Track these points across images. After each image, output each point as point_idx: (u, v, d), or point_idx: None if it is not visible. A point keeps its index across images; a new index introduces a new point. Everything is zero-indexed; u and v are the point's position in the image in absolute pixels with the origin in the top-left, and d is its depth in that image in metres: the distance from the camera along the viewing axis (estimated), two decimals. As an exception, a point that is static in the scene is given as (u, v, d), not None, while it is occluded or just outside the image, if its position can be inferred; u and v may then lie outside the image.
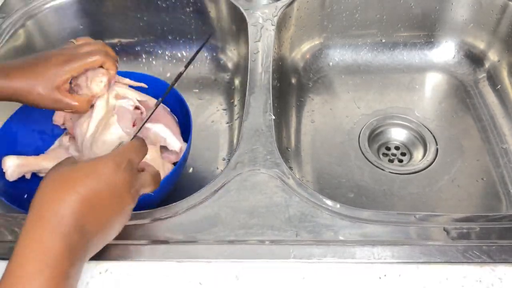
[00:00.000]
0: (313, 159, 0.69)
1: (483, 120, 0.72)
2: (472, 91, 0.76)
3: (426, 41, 0.80)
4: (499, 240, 0.43)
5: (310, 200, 0.47)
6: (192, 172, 0.67)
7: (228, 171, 0.51)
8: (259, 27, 0.70)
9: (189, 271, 0.42)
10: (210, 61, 0.82)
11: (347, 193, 0.64)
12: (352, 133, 0.72)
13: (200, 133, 0.73)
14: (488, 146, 0.69)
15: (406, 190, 0.65)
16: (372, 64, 0.81)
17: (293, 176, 0.50)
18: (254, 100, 0.60)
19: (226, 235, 0.45)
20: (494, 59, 0.76)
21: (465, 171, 0.66)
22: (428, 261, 0.42)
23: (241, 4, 0.73)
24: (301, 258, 0.43)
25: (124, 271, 0.42)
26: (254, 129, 0.56)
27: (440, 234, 0.44)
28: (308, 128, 0.73)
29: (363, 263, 0.42)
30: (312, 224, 0.45)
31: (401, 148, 0.72)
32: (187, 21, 0.79)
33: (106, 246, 0.40)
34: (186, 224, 0.46)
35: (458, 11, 0.76)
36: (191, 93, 0.79)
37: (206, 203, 0.48)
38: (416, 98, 0.76)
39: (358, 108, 0.75)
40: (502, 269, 0.41)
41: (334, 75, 0.80)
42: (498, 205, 0.63)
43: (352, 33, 0.80)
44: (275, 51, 0.69)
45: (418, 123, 0.72)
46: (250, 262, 0.43)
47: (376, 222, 0.45)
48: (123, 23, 0.79)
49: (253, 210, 0.47)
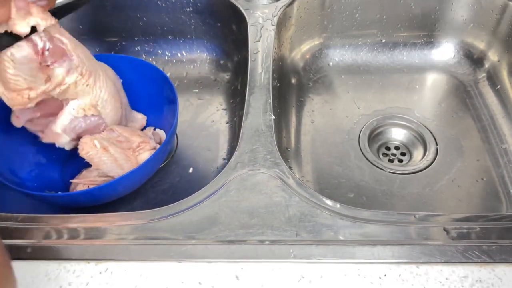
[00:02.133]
0: (313, 159, 0.69)
1: (483, 120, 0.72)
2: (472, 91, 0.76)
3: (426, 41, 0.80)
4: (499, 240, 0.43)
5: (310, 200, 0.47)
6: (192, 172, 0.67)
7: (228, 171, 0.51)
8: (259, 27, 0.70)
9: (189, 271, 0.42)
10: (210, 61, 0.82)
11: (347, 193, 0.64)
12: (352, 133, 0.72)
13: (200, 133, 0.73)
14: (488, 146, 0.69)
15: (406, 190, 0.65)
16: (372, 64, 0.81)
17: (293, 176, 0.50)
18: (254, 100, 0.60)
19: (226, 235, 0.45)
20: (494, 59, 0.76)
21: (465, 171, 0.66)
22: (428, 261, 0.42)
23: (241, 4, 0.73)
24: (301, 258, 0.43)
25: (124, 271, 0.42)
26: (254, 129, 0.56)
27: (440, 234, 0.44)
28: (308, 128, 0.73)
29: (363, 263, 0.42)
30: (312, 224, 0.45)
31: (401, 148, 0.72)
32: (187, 21, 0.79)
33: (106, 246, 0.40)
34: (186, 224, 0.46)
35: (458, 11, 0.76)
36: (191, 93, 0.79)
37: (206, 203, 0.48)
38: (416, 98, 0.76)
39: (358, 108, 0.75)
40: (502, 269, 0.41)
41: (334, 75, 0.80)
42: (498, 205, 0.63)
43: (352, 33, 0.80)
44: (275, 51, 0.69)
45: (418, 123, 0.72)
46: (250, 262, 0.43)
47: (376, 222, 0.45)
48: (123, 23, 0.80)
49: (253, 210, 0.47)
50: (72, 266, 0.43)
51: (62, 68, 0.53)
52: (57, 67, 0.53)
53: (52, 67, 0.53)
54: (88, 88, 0.55)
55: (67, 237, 0.45)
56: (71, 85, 0.54)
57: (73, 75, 0.54)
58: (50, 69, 0.53)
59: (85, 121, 0.57)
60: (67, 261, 0.43)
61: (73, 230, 0.46)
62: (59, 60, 0.53)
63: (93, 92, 0.56)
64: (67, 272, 0.42)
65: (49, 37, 0.51)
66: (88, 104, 0.56)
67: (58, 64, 0.53)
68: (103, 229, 0.46)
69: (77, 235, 0.45)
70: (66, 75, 0.54)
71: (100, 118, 0.58)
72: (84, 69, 0.55)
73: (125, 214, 0.47)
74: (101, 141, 0.56)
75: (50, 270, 0.43)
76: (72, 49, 0.54)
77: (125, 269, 0.42)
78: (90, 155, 0.55)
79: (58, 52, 0.53)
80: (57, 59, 0.53)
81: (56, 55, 0.52)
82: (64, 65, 0.53)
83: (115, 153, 0.57)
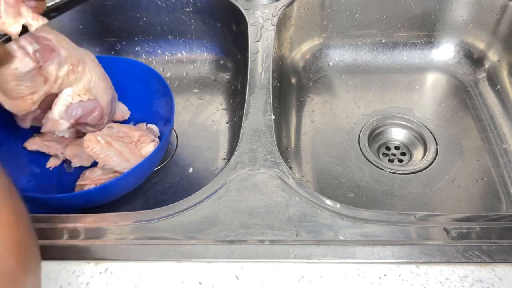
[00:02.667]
0: (313, 159, 0.69)
1: (483, 120, 0.72)
2: (472, 91, 0.76)
3: (426, 41, 0.80)
4: (499, 240, 0.43)
5: (310, 200, 0.47)
6: (192, 172, 0.67)
7: (228, 171, 0.51)
8: (259, 27, 0.70)
9: (189, 271, 0.42)
10: (210, 61, 0.82)
11: (347, 193, 0.64)
12: (352, 133, 0.72)
13: (200, 133, 0.73)
14: (488, 146, 0.69)
15: (406, 190, 0.65)
16: (372, 64, 0.81)
17: (293, 176, 0.50)
18: (254, 100, 0.60)
19: (226, 235, 0.45)
20: (494, 59, 0.76)
21: (465, 171, 0.66)
22: (428, 261, 0.42)
23: (241, 4, 0.73)
24: (301, 258, 0.43)
25: (124, 271, 0.42)
26: (254, 129, 0.56)
27: (440, 234, 0.44)
28: (308, 128, 0.73)
29: (363, 263, 0.42)
30: (312, 224, 0.45)
31: (401, 148, 0.72)
32: (187, 21, 0.79)
33: (106, 246, 0.40)
34: (186, 224, 0.46)
35: (458, 11, 0.76)
36: (191, 93, 0.79)
37: (206, 203, 0.48)
38: (416, 98, 0.76)
39: (358, 108, 0.75)
40: (502, 269, 0.41)
41: (334, 75, 0.80)
42: (498, 205, 0.63)
43: (352, 33, 0.80)
44: (275, 51, 0.69)
45: (418, 123, 0.72)
46: (250, 262, 0.43)
47: (376, 222, 0.45)
48: (123, 23, 0.80)
49: (253, 210, 0.47)
50: (72, 266, 0.43)
51: (53, 64, 0.54)
52: (49, 65, 0.53)
53: (44, 66, 0.53)
54: (79, 75, 0.57)
55: (67, 237, 0.45)
56: (64, 77, 0.55)
57: (64, 67, 0.55)
58: (43, 69, 0.53)
59: (80, 105, 0.58)
60: (67, 261, 0.43)
61: (73, 230, 0.46)
62: (49, 58, 0.53)
63: (85, 78, 0.57)
64: (67, 272, 0.42)
65: (35, 37, 0.51)
66: (82, 89, 0.57)
67: (49, 61, 0.53)
68: (103, 229, 0.46)
69: (77, 235, 0.45)
70: (58, 70, 0.54)
71: (95, 101, 0.59)
72: (73, 59, 0.56)
73: (125, 214, 0.47)
74: (104, 137, 0.57)
75: (50, 270, 0.42)
76: (57, 43, 0.54)
77: (125, 269, 0.42)
78: (96, 151, 0.55)
79: (46, 50, 0.53)
80: (47, 58, 0.53)
81: (45, 53, 0.53)
82: (54, 61, 0.54)
83: (120, 147, 0.57)
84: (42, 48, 0.52)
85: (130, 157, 0.58)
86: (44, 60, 0.53)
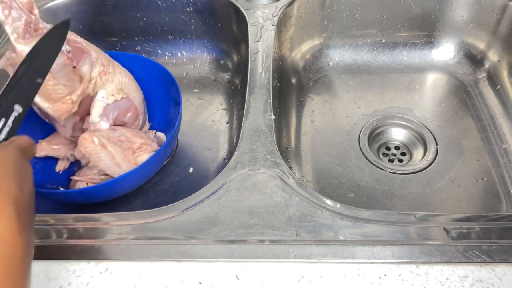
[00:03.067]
0: (313, 159, 0.69)
1: (483, 120, 0.72)
2: (472, 91, 0.76)
3: (426, 41, 0.80)
4: (499, 240, 0.43)
5: (310, 200, 0.47)
6: (192, 172, 0.67)
7: (228, 171, 0.51)
8: (259, 27, 0.70)
9: (189, 270, 0.42)
10: (210, 61, 0.82)
11: (347, 193, 0.64)
12: (352, 133, 0.72)
13: (200, 133, 0.73)
14: (488, 146, 0.69)
15: (406, 190, 0.65)
16: (372, 64, 0.81)
17: (293, 176, 0.50)
18: (254, 100, 0.60)
19: (226, 235, 0.45)
20: (494, 59, 0.76)
21: (465, 171, 0.66)
22: (428, 261, 0.42)
23: (241, 4, 0.73)
24: (301, 258, 0.43)
25: (124, 271, 0.42)
26: (254, 129, 0.56)
27: (440, 234, 0.44)
28: (308, 128, 0.73)
29: (363, 263, 0.42)
30: (312, 224, 0.45)
31: (401, 148, 0.72)
32: (187, 21, 0.79)
33: (106, 246, 0.40)
34: (186, 224, 0.46)
35: (458, 11, 0.76)
36: (191, 93, 0.79)
37: (206, 203, 0.48)
38: (416, 98, 0.76)
39: (358, 108, 0.75)
40: (502, 269, 0.41)
41: (334, 75, 0.80)
42: (498, 205, 0.63)
43: (352, 33, 0.80)
44: (275, 51, 0.69)
45: (418, 123, 0.72)
46: (250, 262, 0.43)
47: (376, 222, 0.45)
48: (123, 23, 0.80)
49: (253, 210, 0.47)
50: (72, 266, 0.43)
51: (86, 65, 0.56)
52: (82, 65, 0.56)
53: (78, 66, 0.56)
54: (110, 76, 0.60)
55: (67, 237, 0.45)
56: (97, 78, 0.58)
57: (96, 68, 0.58)
58: (78, 69, 0.56)
59: (116, 105, 0.60)
60: (67, 261, 0.43)
61: (73, 230, 0.46)
62: (82, 59, 0.56)
63: (116, 78, 0.60)
64: (67, 272, 0.42)
65: (66, 40, 0.53)
66: (115, 89, 0.60)
67: (82, 62, 0.56)
68: (103, 229, 0.46)
69: (77, 235, 0.45)
70: (91, 71, 0.57)
71: (128, 100, 0.62)
72: (104, 60, 0.59)
73: (125, 214, 0.47)
74: (100, 138, 0.57)
75: (50, 270, 0.43)
76: (87, 45, 0.57)
77: (125, 269, 0.42)
78: (88, 151, 0.56)
79: (78, 51, 0.56)
80: (80, 58, 0.56)
81: (78, 54, 0.56)
82: (86, 62, 0.56)
83: (113, 151, 0.57)
84: (74, 50, 0.55)
85: (122, 163, 0.58)
86: (77, 60, 0.55)
